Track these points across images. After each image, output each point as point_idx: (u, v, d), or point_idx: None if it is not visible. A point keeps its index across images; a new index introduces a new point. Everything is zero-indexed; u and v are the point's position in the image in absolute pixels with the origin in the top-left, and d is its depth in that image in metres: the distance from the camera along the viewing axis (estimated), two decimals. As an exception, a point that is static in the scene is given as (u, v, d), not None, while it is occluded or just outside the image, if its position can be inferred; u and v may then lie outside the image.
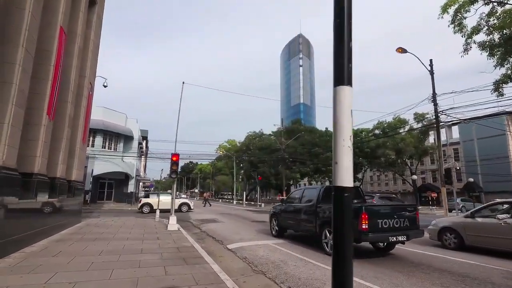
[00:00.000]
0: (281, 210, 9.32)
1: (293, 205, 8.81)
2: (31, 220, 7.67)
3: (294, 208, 8.62)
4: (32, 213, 7.77)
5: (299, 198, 8.53)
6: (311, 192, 8.15)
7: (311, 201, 7.85)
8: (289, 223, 8.83)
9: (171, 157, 11.70)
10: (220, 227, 12.55)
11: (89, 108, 13.30)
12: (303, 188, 8.71)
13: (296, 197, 8.85)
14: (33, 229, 7.64)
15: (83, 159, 13.53)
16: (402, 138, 41.24)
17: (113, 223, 13.18)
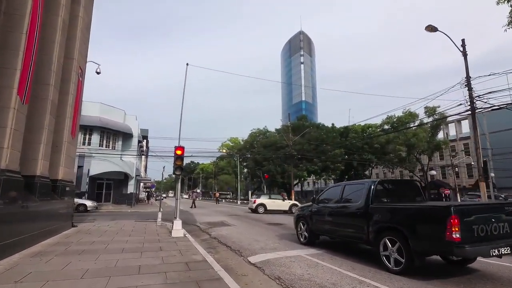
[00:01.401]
0: (312, 212, 7.55)
1: (329, 206, 7.04)
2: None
3: (331, 210, 6.85)
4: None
5: (338, 197, 6.76)
6: (356, 189, 6.40)
7: (357, 201, 6.08)
8: (324, 228, 7.07)
9: (174, 151, 9.95)
10: (232, 232, 10.79)
11: (79, 96, 11.55)
12: (342, 184, 6.93)
13: (333, 196, 7.08)
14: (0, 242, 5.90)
15: (73, 156, 11.78)
16: (414, 133, 39.36)
17: (109, 229, 11.43)
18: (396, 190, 6.33)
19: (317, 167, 40.16)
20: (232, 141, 61.33)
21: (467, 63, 14.55)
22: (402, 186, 6.64)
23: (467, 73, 14.48)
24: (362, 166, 46.33)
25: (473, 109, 14.11)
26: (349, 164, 43.85)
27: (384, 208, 5.44)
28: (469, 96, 14.29)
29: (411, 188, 6.37)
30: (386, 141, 42.87)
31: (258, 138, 49.54)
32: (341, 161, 40.87)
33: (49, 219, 8.85)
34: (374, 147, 42.95)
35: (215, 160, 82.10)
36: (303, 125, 48.18)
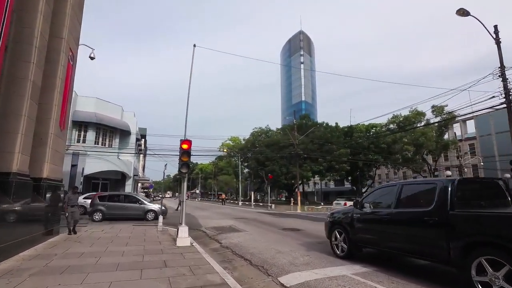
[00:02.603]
0: (354, 218, 6.09)
1: (380, 211, 5.59)
2: None
3: (385, 217, 5.40)
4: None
5: (393, 200, 5.31)
6: (422, 190, 4.97)
7: (427, 206, 4.63)
8: (372, 239, 5.63)
9: (180, 145, 8.47)
10: (246, 239, 9.32)
11: (70, 82, 10.04)
12: (398, 184, 5.45)
13: (385, 199, 5.63)
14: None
15: (62, 151, 10.27)
16: (422, 132, 38.05)
17: (103, 235, 9.93)
18: (477, 191, 4.90)
19: (322, 167, 38.74)
20: (233, 140, 59.80)
21: (501, 51, 13.21)
22: (483, 185, 5.21)
23: (501, 63, 13.15)
24: (367, 167, 44.95)
25: (509, 101, 12.74)
26: (354, 164, 42.49)
27: (476, 216, 3.99)
28: (504, 87, 12.94)
29: (493, 187, 4.94)
30: (393, 141, 41.54)
31: (260, 138, 48.07)
32: (347, 161, 39.48)
33: (29, 226, 7.35)
34: (380, 147, 41.62)
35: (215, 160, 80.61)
36: (306, 124, 46.80)
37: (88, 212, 16.35)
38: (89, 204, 16.77)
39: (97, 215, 15.28)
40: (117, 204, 16.09)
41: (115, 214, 15.67)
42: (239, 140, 57.86)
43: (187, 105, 9.12)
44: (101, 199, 16.12)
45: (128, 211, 16.04)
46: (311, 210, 29.46)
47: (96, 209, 15.43)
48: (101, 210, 15.48)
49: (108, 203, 15.89)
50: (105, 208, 15.61)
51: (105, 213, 15.44)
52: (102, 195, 16.81)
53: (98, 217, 15.22)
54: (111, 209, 15.69)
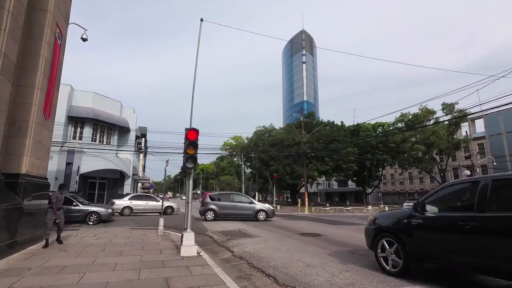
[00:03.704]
0: (412, 224, 4.69)
1: (458, 215, 4.18)
2: None
3: (463, 223, 3.99)
4: None
5: (479, 201, 3.91)
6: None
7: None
8: (445, 252, 4.22)
9: (185, 135, 7.09)
10: (262, 247, 7.92)
11: (56, 64, 8.67)
12: (481, 180, 4.04)
13: (464, 199, 4.25)
14: None
15: (48, 144, 8.90)
16: (433, 130, 36.61)
17: (95, 241, 8.56)
18: None
19: (328, 166, 37.30)
20: (236, 139, 58.41)
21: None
22: None
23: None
24: (375, 166, 43.51)
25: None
26: (361, 164, 41.09)
27: None
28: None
29: None
30: (402, 140, 40.12)
31: (263, 136, 46.64)
32: (355, 161, 38.06)
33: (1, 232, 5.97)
34: (389, 146, 40.21)
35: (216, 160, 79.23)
36: (311, 123, 45.41)
37: (199, 211, 15.95)
38: (200, 203, 16.50)
39: (209, 215, 15.08)
40: (228, 204, 15.80)
41: (227, 213, 15.43)
42: (242, 139, 56.48)
43: (193, 89, 7.74)
44: (212, 198, 15.84)
45: (240, 210, 15.73)
46: (318, 211, 28.05)
47: (208, 208, 15.21)
48: (213, 209, 15.27)
49: (219, 203, 15.62)
50: (217, 208, 15.32)
51: (217, 213, 15.23)
52: (213, 194, 16.50)
53: (211, 217, 15.08)
54: (223, 208, 15.44)
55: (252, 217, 15.60)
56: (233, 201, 16.13)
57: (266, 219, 15.72)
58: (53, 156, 20.48)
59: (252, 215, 15.68)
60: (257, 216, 15.65)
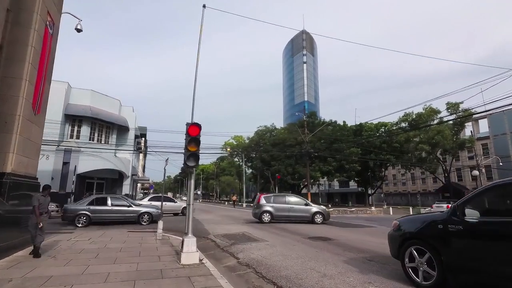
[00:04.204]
0: (450, 231, 4.04)
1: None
2: None
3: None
4: None
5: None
6: None
7: None
8: (496, 263, 3.58)
9: (186, 130, 6.45)
10: (270, 253, 7.27)
11: (47, 54, 8.04)
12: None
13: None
14: None
15: (38, 141, 8.27)
16: (438, 130, 35.94)
17: (88, 246, 7.92)
18: None
19: (331, 167, 36.65)
20: (236, 139, 57.74)
21: None
22: None
23: None
24: (378, 167, 42.82)
25: None
26: (364, 164, 40.42)
27: None
28: None
29: None
30: (406, 140, 39.45)
31: (265, 136, 45.98)
32: (358, 161, 37.40)
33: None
34: (393, 146, 39.54)
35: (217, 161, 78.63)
36: (313, 122, 44.78)
37: (253, 214, 15.48)
38: (254, 205, 15.84)
39: (266, 217, 14.54)
40: (285, 206, 15.20)
41: (283, 216, 14.99)
42: (243, 139, 55.81)
43: (195, 80, 7.11)
44: (267, 200, 15.17)
45: (296, 213, 15.17)
46: (322, 212, 27.38)
47: (264, 211, 14.66)
48: (269, 211, 14.71)
49: (275, 205, 14.98)
50: (273, 210, 14.78)
51: (273, 215, 14.73)
52: (268, 195, 15.94)
53: (267, 219, 14.54)
54: (279, 210, 14.94)
55: (309, 220, 14.93)
56: (288, 203, 15.45)
57: (322, 222, 14.97)
58: (49, 156, 19.88)
59: (309, 218, 14.98)
60: (313, 218, 14.92)
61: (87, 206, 13.60)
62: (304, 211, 15.15)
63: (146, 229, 12.14)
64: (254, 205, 15.72)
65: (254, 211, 15.38)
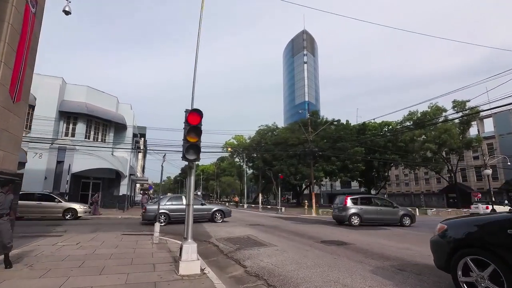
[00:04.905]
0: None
1: None
2: None
3: None
4: None
5: None
6: None
7: None
8: None
9: (185, 118, 5.54)
10: (281, 260, 6.34)
11: (28, 34, 7.11)
12: None
13: None
14: None
15: (18, 133, 7.33)
16: (446, 128, 35.03)
17: (74, 252, 6.98)
18: None
19: (335, 166, 35.70)
20: (237, 139, 56.81)
21: None
22: None
23: None
24: (383, 166, 41.86)
25: None
26: (368, 164, 39.49)
27: None
28: None
29: None
30: (411, 139, 38.53)
31: (266, 136, 45.03)
32: (362, 160, 36.46)
33: None
34: (398, 145, 38.61)
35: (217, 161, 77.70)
36: (315, 121, 43.87)
37: (337, 216, 14.95)
38: (339, 207, 14.99)
39: (355, 220, 14.02)
40: (373, 208, 14.74)
41: (372, 219, 14.45)
42: (244, 139, 54.86)
43: (195, 60, 6.20)
44: (354, 202, 14.50)
45: (384, 215, 14.70)
46: (326, 214, 26.46)
47: (353, 213, 14.09)
48: (358, 214, 14.13)
49: (363, 207, 14.51)
50: (361, 212, 14.23)
51: (362, 218, 14.15)
52: (354, 197, 15.27)
53: (356, 222, 13.99)
54: (367, 213, 14.40)
55: (396, 223, 14.55)
56: (376, 204, 15.10)
57: (410, 225, 14.53)
58: (43, 154, 18.97)
59: (397, 220, 14.59)
60: (402, 221, 14.56)
61: (167, 206, 13.76)
62: (392, 213, 14.72)
63: (142, 231, 11.21)
64: (339, 207, 14.96)
65: (340, 214, 14.71)
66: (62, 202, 15.74)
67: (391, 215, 14.65)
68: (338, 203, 15.36)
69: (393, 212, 14.74)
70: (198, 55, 6.32)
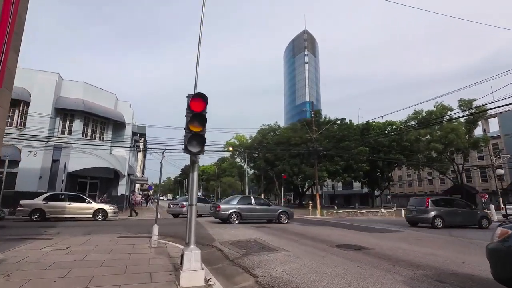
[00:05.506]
0: None
1: None
2: None
3: None
4: None
5: None
6: None
7: None
8: None
9: (188, 105, 4.79)
10: (297, 269, 5.55)
11: (11, 14, 6.35)
12: None
13: None
14: None
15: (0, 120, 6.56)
16: (453, 127, 34.23)
17: (62, 258, 6.20)
18: None
19: (339, 166, 34.91)
20: (238, 138, 56.04)
21: None
22: None
23: None
24: (387, 167, 41.05)
25: None
26: (373, 164, 38.69)
27: None
28: None
29: None
30: (416, 138, 37.74)
31: (268, 135, 44.26)
32: (366, 160, 35.66)
33: None
34: (402, 145, 37.82)
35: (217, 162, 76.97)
36: (318, 121, 43.11)
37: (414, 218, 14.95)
38: (418, 208, 14.86)
39: (438, 222, 13.98)
40: (453, 210, 14.70)
41: (453, 221, 14.47)
42: (245, 138, 54.10)
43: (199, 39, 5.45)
44: (436, 203, 14.55)
45: (464, 217, 14.77)
46: (331, 214, 25.70)
47: (436, 215, 14.04)
48: (441, 216, 14.06)
49: (445, 209, 14.46)
50: (443, 214, 14.22)
51: (445, 220, 14.14)
52: (436, 198, 15.38)
53: (440, 224, 13.94)
54: (449, 215, 14.38)
55: (475, 224, 14.73)
56: (456, 206, 15.14)
57: (488, 227, 14.35)
58: (37, 152, 18.24)
59: (475, 223, 14.73)
60: (480, 223, 14.69)
61: (238, 205, 14.27)
62: (471, 215, 14.76)
63: (140, 234, 10.44)
64: (419, 209, 14.79)
65: (420, 216, 14.58)
66: (92, 203, 15.50)
67: (470, 217, 14.75)
68: (416, 205, 15.28)
69: (472, 214, 14.84)
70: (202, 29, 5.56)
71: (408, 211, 16.00)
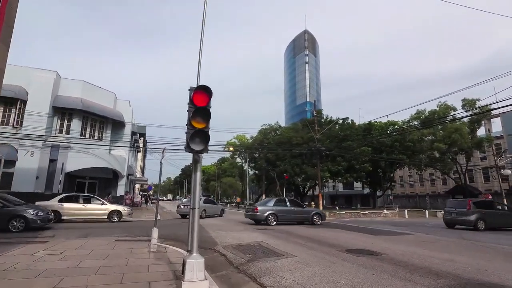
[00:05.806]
0: None
1: None
2: None
3: None
4: None
5: None
6: None
7: None
8: None
9: (190, 98, 4.38)
10: (308, 277, 5.13)
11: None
12: None
13: None
14: None
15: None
16: (456, 127, 33.81)
17: (54, 264, 5.78)
18: None
19: (341, 166, 34.47)
20: (239, 138, 55.59)
21: None
22: None
23: None
24: (390, 167, 40.61)
25: None
26: (375, 164, 38.25)
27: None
28: None
29: None
30: (419, 138, 37.30)
31: (269, 135, 43.82)
32: (369, 160, 35.22)
33: None
34: (405, 145, 37.38)
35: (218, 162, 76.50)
36: (319, 121, 42.68)
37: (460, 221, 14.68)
38: (460, 210, 14.85)
39: (480, 224, 13.93)
40: (495, 212, 14.76)
41: (495, 223, 14.54)
42: (246, 138, 53.65)
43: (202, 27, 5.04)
44: (477, 205, 14.51)
45: (507, 219, 14.91)
46: (333, 216, 25.27)
47: (478, 218, 14.00)
48: (483, 219, 14.07)
49: (486, 210, 14.41)
50: (485, 216, 14.17)
51: (486, 222, 14.13)
52: (477, 200, 15.40)
53: (482, 226, 13.93)
54: (491, 217, 14.39)
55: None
56: (496, 208, 15.13)
57: None
58: (34, 152, 17.84)
59: None
60: None
61: (274, 207, 14.42)
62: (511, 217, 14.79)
63: (139, 237, 10.01)
64: (459, 211, 14.63)
65: (462, 218, 14.38)
66: (106, 204, 15.22)
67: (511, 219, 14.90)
68: (456, 207, 15.13)
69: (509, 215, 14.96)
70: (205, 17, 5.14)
71: (446, 213, 15.81)
